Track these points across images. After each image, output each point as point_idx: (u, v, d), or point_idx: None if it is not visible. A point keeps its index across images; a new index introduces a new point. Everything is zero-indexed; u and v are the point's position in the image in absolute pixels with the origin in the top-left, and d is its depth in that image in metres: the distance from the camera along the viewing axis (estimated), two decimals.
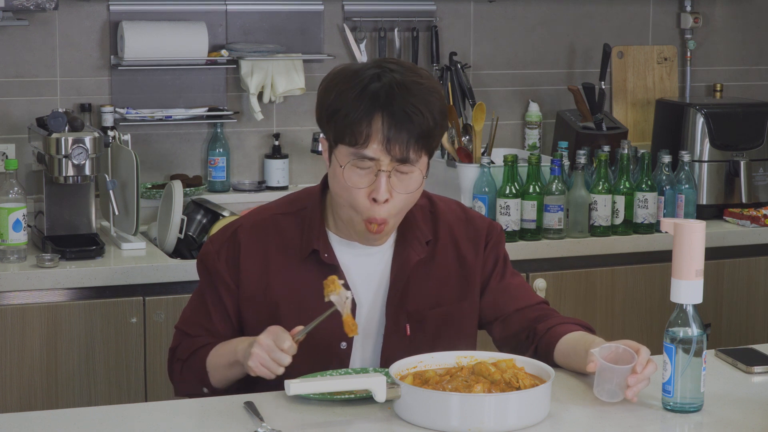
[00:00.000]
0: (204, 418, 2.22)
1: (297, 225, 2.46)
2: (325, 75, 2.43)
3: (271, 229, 2.47)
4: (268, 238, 2.46)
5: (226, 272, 2.46)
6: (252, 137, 4.24)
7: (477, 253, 2.54)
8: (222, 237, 2.50)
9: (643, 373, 2.23)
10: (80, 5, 3.99)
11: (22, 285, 3.37)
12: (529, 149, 4.46)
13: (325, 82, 2.40)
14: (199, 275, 2.53)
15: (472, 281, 2.53)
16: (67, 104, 3.98)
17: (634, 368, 2.22)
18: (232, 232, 2.49)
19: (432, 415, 2.12)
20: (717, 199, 4.22)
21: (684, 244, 2.19)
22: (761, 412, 2.25)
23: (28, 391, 3.39)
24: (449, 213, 2.56)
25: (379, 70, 2.34)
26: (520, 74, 4.54)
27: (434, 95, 2.35)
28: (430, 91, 2.34)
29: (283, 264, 2.45)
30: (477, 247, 2.55)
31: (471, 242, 2.55)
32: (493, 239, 2.58)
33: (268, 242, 2.46)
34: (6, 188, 3.47)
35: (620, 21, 4.64)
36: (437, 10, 4.39)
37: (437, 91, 2.37)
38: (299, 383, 2.15)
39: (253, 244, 2.46)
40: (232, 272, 2.46)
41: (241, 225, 2.49)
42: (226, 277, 2.46)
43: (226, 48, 4.12)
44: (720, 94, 4.66)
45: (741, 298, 4.11)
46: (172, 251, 3.71)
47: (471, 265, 2.53)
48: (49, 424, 2.20)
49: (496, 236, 2.59)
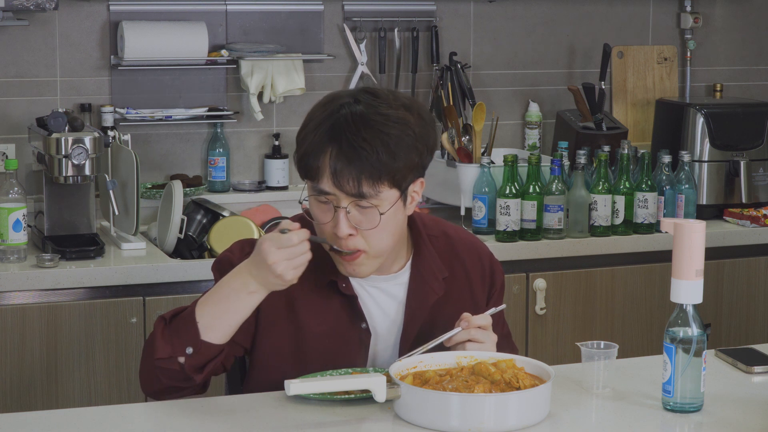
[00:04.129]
0: (204, 418, 2.22)
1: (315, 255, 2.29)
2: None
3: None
4: None
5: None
6: (252, 137, 4.24)
7: (484, 295, 2.49)
8: (245, 243, 2.43)
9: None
10: (80, 5, 3.99)
11: (22, 285, 3.37)
12: (529, 149, 4.46)
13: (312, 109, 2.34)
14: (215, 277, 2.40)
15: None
16: (67, 104, 3.98)
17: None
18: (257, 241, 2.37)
19: (432, 415, 2.12)
20: (717, 199, 4.22)
21: (684, 244, 2.19)
22: (761, 412, 2.25)
23: (28, 391, 3.39)
24: (462, 246, 2.49)
25: (350, 100, 2.27)
26: (520, 74, 4.54)
27: (398, 128, 2.25)
28: (396, 123, 2.25)
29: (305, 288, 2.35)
30: (484, 287, 2.49)
31: (480, 281, 2.49)
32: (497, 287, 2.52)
33: None
34: (6, 188, 3.47)
35: (620, 21, 4.64)
36: (437, 10, 4.39)
37: (405, 123, 2.26)
38: (299, 383, 2.15)
39: None
40: None
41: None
42: None
43: (226, 48, 4.12)
44: (720, 94, 4.66)
45: (741, 298, 4.11)
46: (172, 251, 3.71)
47: (480, 308, 2.46)
48: (49, 424, 2.20)
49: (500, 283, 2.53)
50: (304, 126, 2.30)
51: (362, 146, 2.22)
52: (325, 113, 2.27)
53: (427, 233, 2.45)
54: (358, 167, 2.22)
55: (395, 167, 2.25)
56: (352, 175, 2.22)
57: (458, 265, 2.46)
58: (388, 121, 2.25)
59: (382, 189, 2.25)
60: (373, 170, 2.23)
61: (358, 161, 2.22)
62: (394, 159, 2.24)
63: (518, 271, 3.83)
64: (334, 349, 2.38)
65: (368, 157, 2.22)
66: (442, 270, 2.43)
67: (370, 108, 2.26)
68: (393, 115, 2.26)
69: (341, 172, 2.22)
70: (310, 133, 2.26)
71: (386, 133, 2.24)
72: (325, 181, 2.25)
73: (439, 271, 2.42)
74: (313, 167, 2.25)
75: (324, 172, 2.24)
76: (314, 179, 2.26)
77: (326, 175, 2.24)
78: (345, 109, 2.26)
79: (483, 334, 2.32)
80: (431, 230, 2.47)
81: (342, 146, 2.22)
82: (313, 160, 2.25)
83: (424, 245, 2.42)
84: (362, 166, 2.22)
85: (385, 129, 2.24)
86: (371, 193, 2.24)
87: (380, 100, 2.28)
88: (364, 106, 2.26)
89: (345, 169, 2.22)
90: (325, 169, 2.24)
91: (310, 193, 2.29)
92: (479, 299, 2.48)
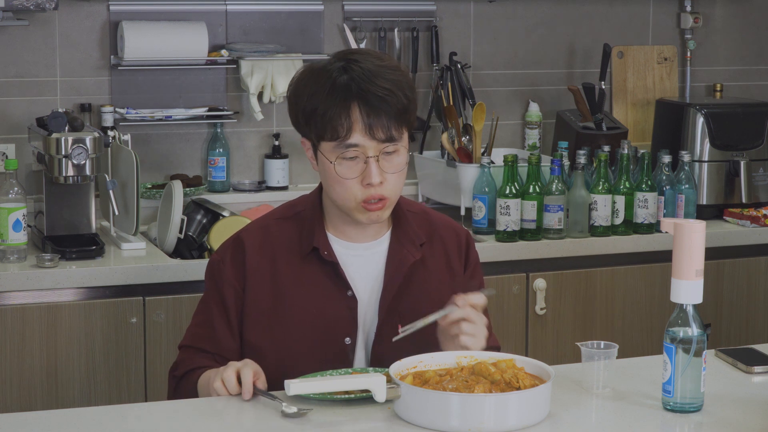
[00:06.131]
0: (204, 418, 2.22)
1: (296, 227, 2.53)
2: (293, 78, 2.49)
3: (274, 231, 2.54)
4: (271, 239, 2.53)
5: (231, 272, 2.51)
6: (252, 137, 4.24)
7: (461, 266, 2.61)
8: (226, 243, 2.58)
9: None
10: (80, 5, 3.99)
11: (22, 285, 3.37)
12: (529, 149, 4.46)
13: (293, 86, 2.48)
14: (206, 285, 2.58)
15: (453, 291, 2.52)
16: (67, 104, 3.98)
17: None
18: (236, 236, 2.56)
19: (432, 415, 2.12)
20: (717, 199, 4.22)
21: (684, 244, 2.19)
22: (761, 412, 2.25)
23: (28, 391, 3.39)
24: (440, 222, 2.63)
25: (344, 63, 2.42)
26: (520, 74, 4.54)
27: (399, 74, 2.44)
28: (395, 70, 2.44)
29: (286, 261, 2.51)
30: (461, 258, 2.61)
31: (457, 252, 2.61)
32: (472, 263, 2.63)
33: (271, 242, 2.53)
34: (6, 188, 3.47)
35: (620, 21, 4.64)
36: (437, 10, 4.39)
37: (401, 69, 2.47)
38: (299, 383, 2.15)
39: (257, 243, 2.52)
40: (238, 271, 2.51)
41: (244, 229, 2.58)
42: (231, 276, 2.51)
43: (226, 48, 4.12)
44: (720, 94, 4.66)
45: (741, 298, 4.11)
46: (172, 251, 3.71)
47: (459, 276, 2.60)
48: (49, 424, 2.20)
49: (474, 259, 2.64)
50: (311, 96, 2.42)
51: (386, 94, 2.39)
52: (329, 78, 2.41)
53: (407, 209, 2.59)
54: (387, 113, 2.39)
55: (411, 108, 2.45)
56: (383, 123, 2.39)
57: (436, 237, 2.60)
58: (391, 70, 2.43)
59: (404, 131, 2.45)
60: (399, 113, 2.41)
61: (387, 107, 2.39)
62: (410, 100, 2.44)
63: (518, 271, 3.83)
64: (323, 324, 2.47)
65: (395, 102, 2.40)
66: (420, 237, 2.56)
67: (369, 63, 2.42)
68: (388, 64, 2.45)
69: (374, 121, 2.39)
70: (325, 97, 2.40)
71: (396, 80, 2.42)
72: (355, 135, 2.39)
73: (416, 237, 2.55)
74: (344, 125, 2.39)
75: (355, 126, 2.39)
76: (344, 136, 2.40)
77: (357, 129, 2.39)
78: (352, 67, 2.41)
79: (476, 314, 2.41)
80: (411, 207, 2.62)
81: (368, 99, 2.38)
82: (342, 119, 2.39)
83: (404, 217, 2.56)
84: (390, 111, 2.40)
85: (393, 77, 2.42)
86: (398, 136, 2.42)
87: (370, 56, 2.45)
88: (363, 63, 2.42)
89: (376, 119, 2.39)
90: (357, 124, 2.39)
91: (335, 154, 2.41)
92: (456, 267, 2.60)
